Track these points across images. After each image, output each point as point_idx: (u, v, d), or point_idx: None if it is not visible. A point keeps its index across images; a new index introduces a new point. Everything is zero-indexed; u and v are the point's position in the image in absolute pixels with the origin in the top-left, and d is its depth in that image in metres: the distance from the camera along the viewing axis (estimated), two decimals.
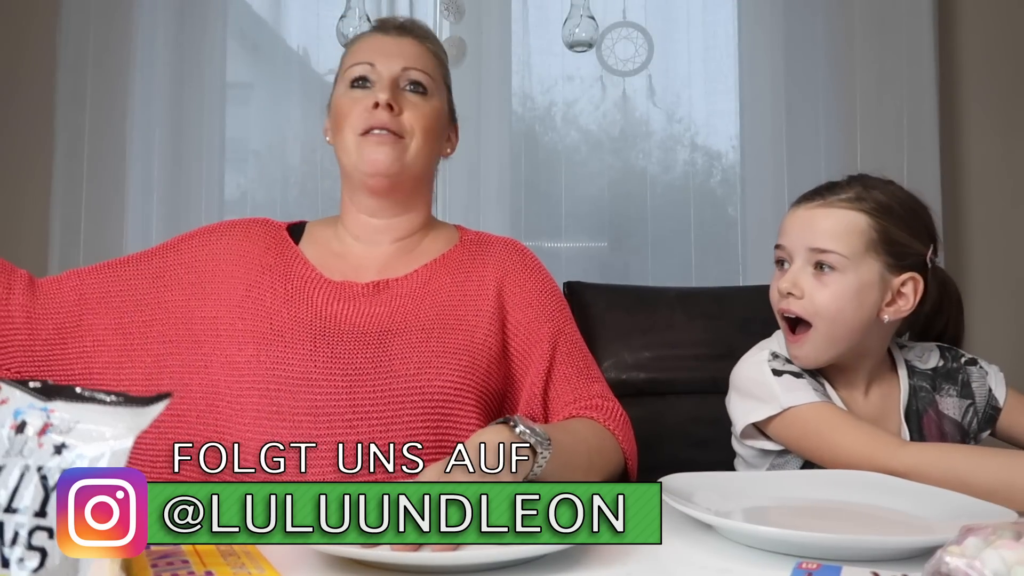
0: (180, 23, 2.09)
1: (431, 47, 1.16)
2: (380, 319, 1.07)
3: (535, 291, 1.15)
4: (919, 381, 1.13)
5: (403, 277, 1.12)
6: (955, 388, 1.13)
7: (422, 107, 1.10)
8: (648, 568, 0.67)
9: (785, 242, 1.08)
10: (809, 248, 1.04)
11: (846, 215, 1.05)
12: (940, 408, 1.12)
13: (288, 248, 1.15)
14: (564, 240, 2.17)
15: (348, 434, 1.00)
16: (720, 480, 0.91)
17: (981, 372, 1.14)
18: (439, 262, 1.14)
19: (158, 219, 2.07)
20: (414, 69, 1.11)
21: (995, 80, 2.23)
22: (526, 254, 1.20)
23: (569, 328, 1.16)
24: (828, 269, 1.04)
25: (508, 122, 2.13)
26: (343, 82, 1.13)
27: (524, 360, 1.11)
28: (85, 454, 0.49)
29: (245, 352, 1.03)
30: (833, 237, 1.04)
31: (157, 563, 0.51)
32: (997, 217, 2.22)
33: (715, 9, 2.21)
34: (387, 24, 1.17)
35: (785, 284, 1.05)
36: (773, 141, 2.12)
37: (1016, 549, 0.51)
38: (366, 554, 0.64)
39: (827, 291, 1.03)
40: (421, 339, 1.05)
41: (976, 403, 1.13)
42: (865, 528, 0.79)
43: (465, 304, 1.10)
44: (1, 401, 0.52)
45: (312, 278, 1.11)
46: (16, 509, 0.49)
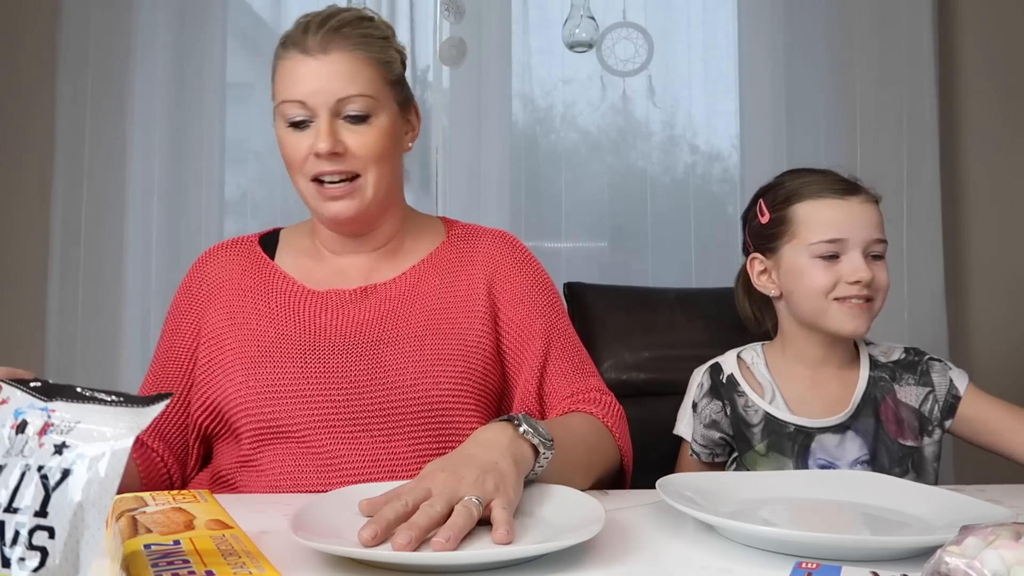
0: (180, 23, 2.08)
1: (364, 53, 1.03)
2: (370, 327, 1.06)
3: (526, 286, 1.13)
4: (880, 372, 1.23)
5: (390, 281, 1.10)
6: (914, 377, 1.23)
7: (368, 136, 1.03)
8: (648, 568, 0.67)
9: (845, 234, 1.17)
10: (871, 240, 1.17)
11: (879, 209, 1.21)
12: (898, 396, 1.21)
13: (264, 265, 1.13)
14: (564, 240, 2.17)
15: (351, 446, 0.99)
16: (720, 480, 0.92)
17: (944, 367, 1.24)
18: (426, 263, 1.13)
19: (158, 219, 2.06)
20: (351, 98, 1.01)
21: (995, 80, 2.22)
22: (516, 246, 1.18)
23: (562, 323, 1.15)
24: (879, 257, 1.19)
25: (508, 123, 2.13)
26: (279, 117, 1.06)
27: (518, 357, 1.10)
28: (85, 454, 0.49)
29: (235, 380, 1.02)
30: (882, 229, 1.19)
31: (158, 563, 0.51)
32: (997, 217, 2.21)
33: (715, 9, 2.21)
34: (308, 37, 1.02)
35: (864, 274, 1.15)
36: (773, 141, 2.11)
37: (1015, 549, 0.51)
38: (366, 554, 0.64)
39: (884, 274, 1.19)
40: (414, 348, 1.04)
41: (936, 391, 1.21)
42: (865, 528, 0.79)
43: (456, 306, 1.09)
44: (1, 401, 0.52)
45: (295, 292, 1.09)
46: (17, 509, 0.49)
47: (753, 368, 1.25)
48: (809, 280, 1.18)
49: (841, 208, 1.18)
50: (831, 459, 1.18)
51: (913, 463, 1.18)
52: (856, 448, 1.18)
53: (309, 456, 0.99)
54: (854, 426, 1.18)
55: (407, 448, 1.01)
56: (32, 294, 2.07)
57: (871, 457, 1.17)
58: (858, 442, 1.18)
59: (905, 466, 1.18)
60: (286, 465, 1.00)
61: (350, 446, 1.00)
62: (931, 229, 2.10)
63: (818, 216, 1.18)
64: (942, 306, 2.09)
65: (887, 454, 1.18)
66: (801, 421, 1.19)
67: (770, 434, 1.19)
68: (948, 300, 2.10)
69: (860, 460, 1.17)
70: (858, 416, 1.19)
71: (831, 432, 1.18)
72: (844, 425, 1.18)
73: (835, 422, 1.18)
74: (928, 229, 2.10)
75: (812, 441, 1.18)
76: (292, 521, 0.68)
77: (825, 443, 1.18)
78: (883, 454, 1.18)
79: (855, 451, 1.18)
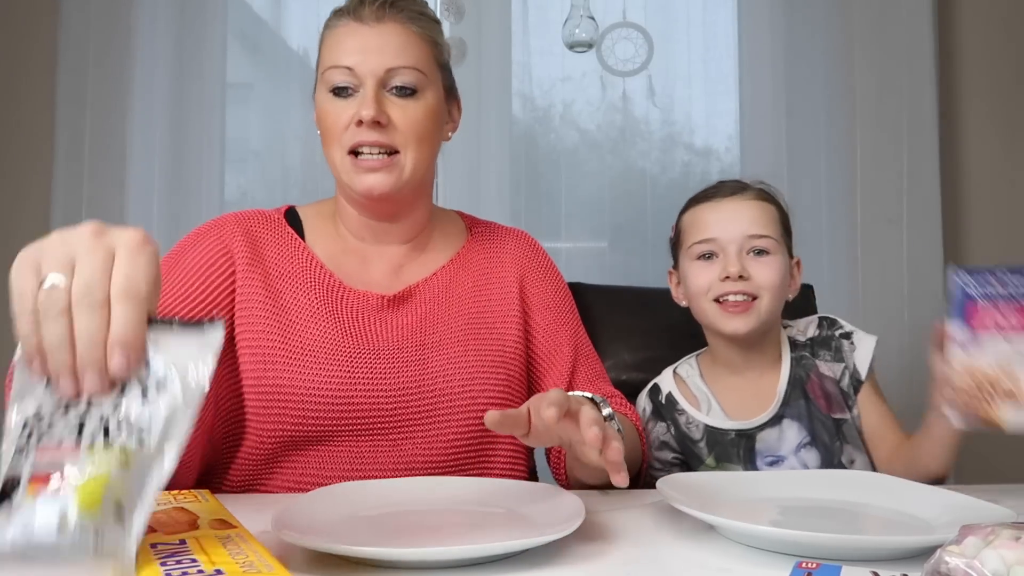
0: (180, 23, 2.09)
1: (418, 28, 1.01)
2: (412, 331, 1.03)
3: (553, 291, 1.14)
4: (799, 352, 1.23)
5: (423, 282, 1.07)
6: (829, 354, 1.22)
7: (413, 111, 0.99)
8: (648, 568, 0.67)
9: (716, 233, 1.17)
10: (746, 235, 1.16)
11: (766, 206, 1.20)
12: (820, 371, 1.21)
13: (297, 247, 1.05)
14: (564, 240, 2.17)
15: (387, 451, 0.98)
16: (719, 480, 0.92)
17: (851, 346, 1.22)
18: (456, 263, 1.11)
19: (158, 219, 2.06)
20: (400, 69, 0.98)
21: (995, 80, 2.23)
22: (538, 249, 1.19)
23: (582, 329, 1.16)
24: (763, 253, 1.17)
25: (508, 122, 2.13)
26: (323, 85, 1.01)
27: (547, 362, 1.10)
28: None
29: (272, 373, 0.97)
30: (764, 225, 1.18)
31: (166, 562, 0.51)
32: (997, 217, 2.22)
33: (715, 9, 2.22)
34: (365, 7, 0.99)
35: (733, 268, 1.15)
36: (773, 141, 2.12)
37: (1015, 549, 0.51)
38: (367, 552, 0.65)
39: (767, 270, 1.17)
40: (459, 353, 1.02)
41: (848, 368, 1.21)
42: (865, 528, 0.79)
43: (491, 310, 1.08)
44: None
45: (333, 286, 1.03)
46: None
47: (688, 381, 1.25)
48: (690, 282, 1.20)
49: (714, 209, 1.20)
50: (776, 453, 1.17)
51: (845, 435, 1.17)
52: (795, 433, 1.17)
53: (337, 460, 0.97)
54: (788, 413, 1.17)
55: (444, 454, 1.00)
56: None
57: (811, 438, 1.16)
58: (795, 427, 1.17)
59: (844, 437, 1.17)
60: (310, 468, 0.97)
61: (387, 451, 0.98)
62: (931, 229, 2.10)
63: (695, 220, 1.21)
64: (942, 306, 2.08)
65: (824, 430, 1.16)
66: (739, 425, 1.18)
67: (715, 445, 1.18)
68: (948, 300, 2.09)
69: (802, 444, 1.16)
70: (788, 402, 1.18)
71: (768, 427, 1.17)
72: (779, 416, 1.17)
73: (768, 416, 1.17)
74: (928, 229, 2.10)
75: (755, 442, 1.17)
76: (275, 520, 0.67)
77: (767, 439, 1.17)
78: (821, 431, 1.16)
79: (795, 437, 1.17)
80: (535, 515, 0.78)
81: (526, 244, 1.17)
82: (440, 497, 0.84)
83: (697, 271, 1.19)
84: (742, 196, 1.20)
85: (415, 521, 0.78)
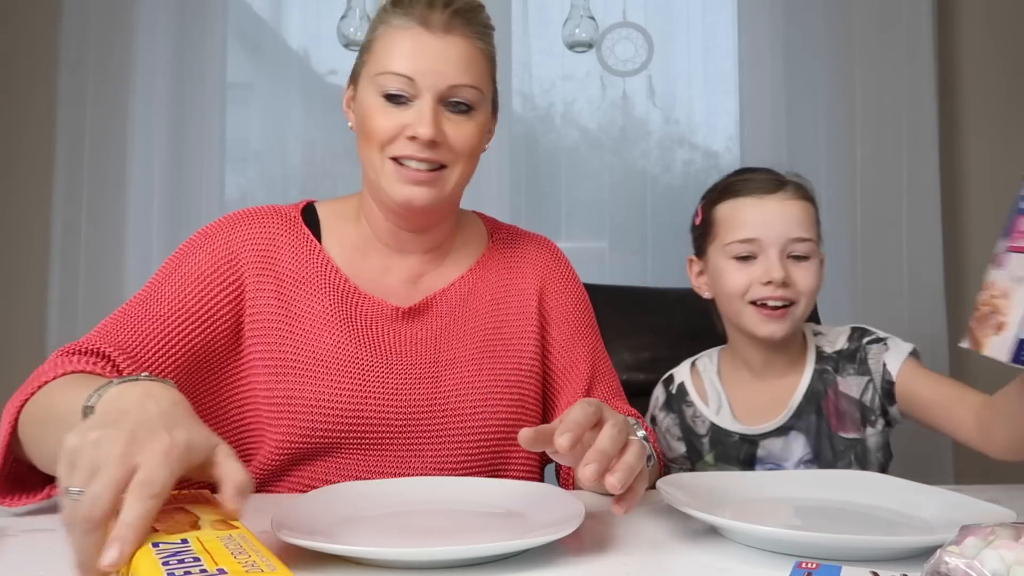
0: (180, 23, 2.09)
1: (483, 44, 0.97)
2: (427, 347, 1.01)
3: (573, 305, 1.11)
4: (824, 365, 1.18)
5: (440, 293, 1.04)
6: (854, 367, 1.17)
7: (467, 129, 0.96)
8: (648, 568, 0.67)
9: (759, 234, 1.13)
10: (789, 239, 1.12)
11: (808, 206, 1.16)
12: (840, 388, 1.16)
13: (312, 250, 1.02)
14: (564, 240, 2.17)
15: (399, 467, 0.97)
16: (719, 480, 0.92)
17: (880, 348, 1.16)
18: (475, 272, 1.08)
19: (158, 219, 2.06)
20: (462, 87, 0.94)
21: (995, 80, 2.23)
22: (560, 258, 1.15)
23: (601, 344, 1.13)
24: (803, 258, 1.14)
25: (508, 122, 2.13)
26: (373, 85, 0.95)
27: (563, 378, 1.08)
28: None
29: (284, 383, 0.95)
30: (807, 227, 1.14)
31: (168, 561, 0.51)
32: (997, 217, 2.21)
33: (715, 9, 2.22)
34: (434, 13, 0.94)
35: (776, 273, 1.11)
36: (773, 141, 2.12)
37: (1015, 549, 0.51)
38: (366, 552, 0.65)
39: (808, 275, 1.14)
40: (472, 372, 1.00)
41: (874, 380, 1.15)
42: (865, 528, 0.79)
43: (509, 325, 1.06)
44: None
45: (348, 292, 1.00)
46: None
47: (704, 376, 1.24)
48: (725, 282, 1.15)
49: (756, 207, 1.14)
50: (777, 462, 1.15)
51: (856, 456, 1.14)
52: (799, 448, 1.15)
53: (344, 473, 0.96)
54: (796, 425, 1.15)
55: (453, 472, 0.99)
56: (33, 293, 2.07)
57: (815, 455, 1.14)
58: (801, 441, 1.15)
59: (848, 459, 1.14)
60: (316, 480, 0.96)
61: (395, 466, 0.97)
62: (931, 229, 2.10)
63: (733, 216, 1.15)
64: (942, 306, 2.09)
65: (831, 449, 1.14)
66: (745, 429, 1.17)
67: (716, 444, 1.18)
68: (948, 300, 2.10)
69: (804, 460, 1.15)
70: (800, 415, 1.15)
71: (774, 436, 1.16)
72: (787, 426, 1.15)
73: (777, 424, 1.15)
74: (928, 229, 2.10)
75: (757, 448, 1.16)
76: (275, 520, 0.67)
77: (770, 447, 1.15)
78: (826, 449, 1.14)
79: (799, 451, 1.15)
80: (535, 515, 0.78)
81: (548, 253, 1.14)
82: (440, 497, 0.84)
83: (734, 271, 1.14)
84: (784, 194, 1.15)
85: (415, 521, 0.78)
